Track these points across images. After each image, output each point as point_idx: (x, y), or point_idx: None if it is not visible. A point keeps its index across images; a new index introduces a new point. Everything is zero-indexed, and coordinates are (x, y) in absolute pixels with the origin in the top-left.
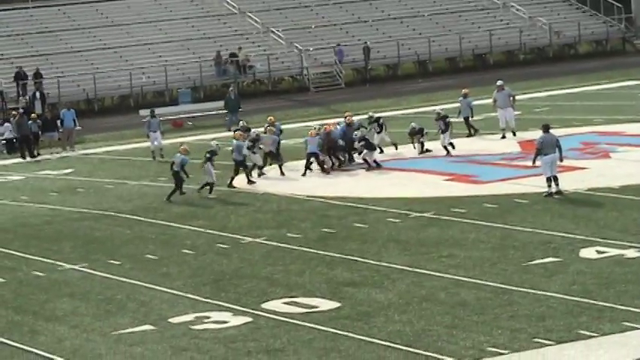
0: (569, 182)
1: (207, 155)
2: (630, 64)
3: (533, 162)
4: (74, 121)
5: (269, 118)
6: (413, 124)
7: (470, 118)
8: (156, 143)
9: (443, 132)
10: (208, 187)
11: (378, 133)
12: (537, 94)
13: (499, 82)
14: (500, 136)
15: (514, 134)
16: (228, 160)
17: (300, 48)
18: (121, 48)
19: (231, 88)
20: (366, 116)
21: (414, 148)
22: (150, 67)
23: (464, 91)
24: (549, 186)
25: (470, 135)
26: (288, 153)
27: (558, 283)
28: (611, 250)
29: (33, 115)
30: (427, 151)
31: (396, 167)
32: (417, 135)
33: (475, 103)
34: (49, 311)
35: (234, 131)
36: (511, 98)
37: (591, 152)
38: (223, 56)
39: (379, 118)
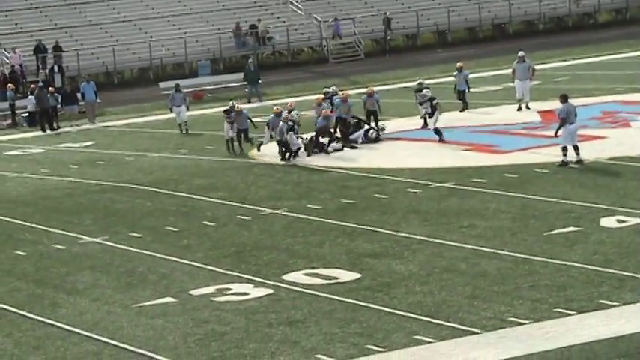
0: (589, 151)
1: (288, 126)
2: None
3: (556, 133)
4: (95, 93)
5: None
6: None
7: (467, 92)
8: (182, 116)
9: (429, 116)
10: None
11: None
12: (557, 63)
13: (520, 53)
14: (517, 107)
15: (527, 107)
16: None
17: (320, 19)
18: (141, 20)
19: (250, 60)
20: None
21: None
22: (169, 40)
23: (459, 64)
24: (565, 155)
25: (463, 110)
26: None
27: (579, 253)
28: (631, 219)
29: (51, 88)
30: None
31: (415, 138)
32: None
33: (485, 74)
34: (70, 284)
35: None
36: (530, 70)
37: (611, 121)
38: (242, 28)
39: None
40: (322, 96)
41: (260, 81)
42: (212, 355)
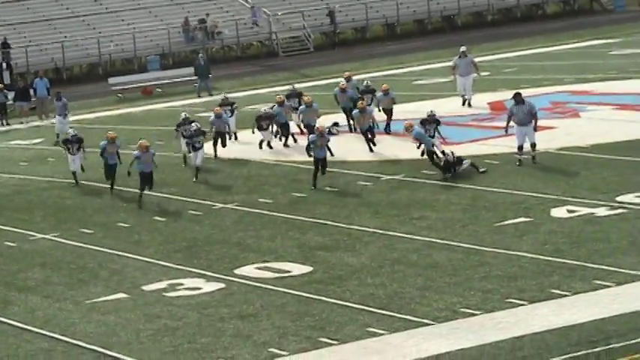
0: (539, 142)
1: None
2: (598, 23)
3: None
4: (47, 90)
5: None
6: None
7: None
8: (60, 127)
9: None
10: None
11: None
12: (506, 54)
13: (462, 48)
14: (461, 102)
15: (469, 105)
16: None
17: (269, 13)
18: (89, 16)
19: (200, 54)
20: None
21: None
22: (118, 35)
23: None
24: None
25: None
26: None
27: (530, 243)
28: (581, 209)
29: (0, 85)
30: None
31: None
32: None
33: (434, 66)
34: (21, 281)
35: (216, 107)
36: (473, 66)
37: (561, 111)
38: (191, 23)
39: (374, 89)
40: (282, 97)
41: (210, 75)
42: (164, 351)
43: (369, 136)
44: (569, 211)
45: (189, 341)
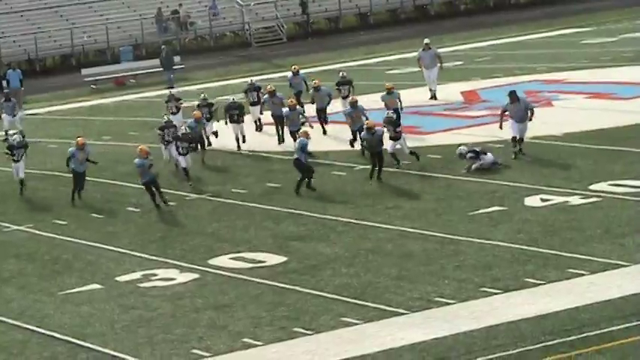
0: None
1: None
2: (571, 12)
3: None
4: (20, 81)
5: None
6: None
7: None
8: (8, 125)
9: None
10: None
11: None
12: (479, 43)
13: (426, 41)
14: (430, 95)
15: (435, 97)
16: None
17: (242, 3)
18: (62, 7)
19: (163, 47)
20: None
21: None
22: (91, 26)
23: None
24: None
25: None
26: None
27: (504, 232)
28: (555, 197)
29: None
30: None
31: (341, 120)
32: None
33: (407, 56)
34: None
35: (194, 111)
36: (437, 58)
37: (534, 101)
38: (164, 13)
39: (350, 80)
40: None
41: (174, 67)
42: (139, 341)
43: (358, 137)
44: (543, 200)
45: (163, 332)
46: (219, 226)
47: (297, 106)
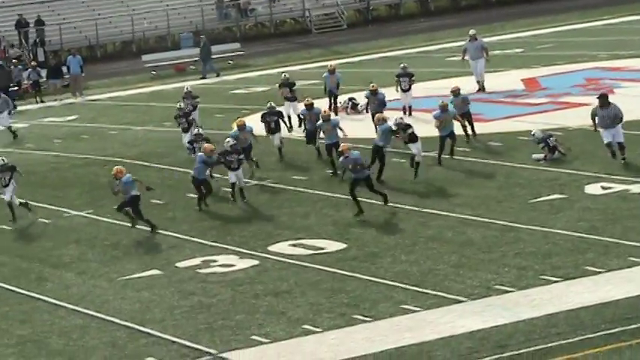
0: (572, 119)
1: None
2: None
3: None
4: (81, 67)
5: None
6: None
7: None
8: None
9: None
10: None
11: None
12: (542, 30)
13: (472, 32)
14: (477, 88)
15: (483, 89)
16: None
17: None
18: None
19: (202, 36)
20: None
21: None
22: (151, 12)
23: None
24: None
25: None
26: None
27: (564, 220)
28: (616, 185)
29: (33, 62)
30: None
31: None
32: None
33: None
34: (56, 258)
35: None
36: (483, 50)
37: (595, 88)
38: (225, 0)
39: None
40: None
41: (212, 57)
42: (199, 327)
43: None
44: (604, 188)
45: (223, 318)
46: (280, 212)
47: (332, 116)
